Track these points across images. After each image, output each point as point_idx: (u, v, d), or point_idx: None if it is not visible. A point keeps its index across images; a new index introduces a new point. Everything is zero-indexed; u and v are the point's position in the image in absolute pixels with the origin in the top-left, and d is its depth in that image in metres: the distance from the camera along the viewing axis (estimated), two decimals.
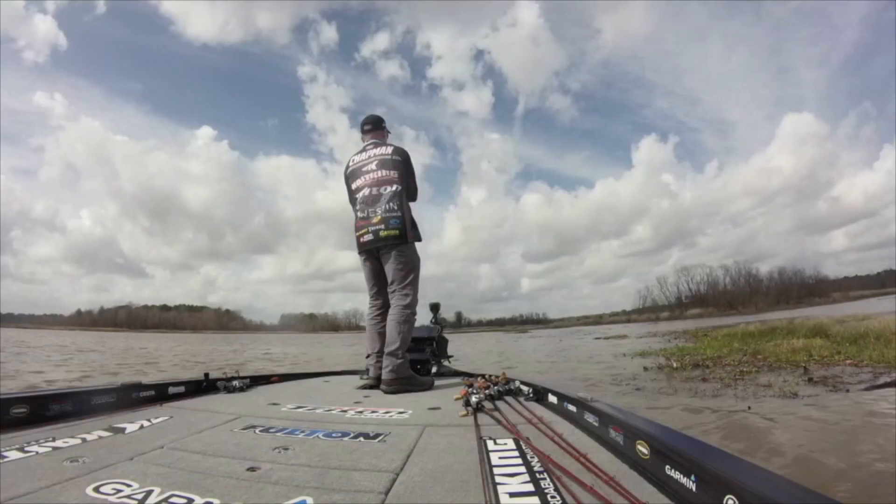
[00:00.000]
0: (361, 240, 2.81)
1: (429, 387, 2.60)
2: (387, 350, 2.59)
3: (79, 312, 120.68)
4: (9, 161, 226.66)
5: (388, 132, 3.16)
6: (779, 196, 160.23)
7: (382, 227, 2.72)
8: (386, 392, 2.47)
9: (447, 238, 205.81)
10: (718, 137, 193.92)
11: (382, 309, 2.86)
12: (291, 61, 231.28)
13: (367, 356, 2.84)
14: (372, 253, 2.82)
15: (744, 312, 67.49)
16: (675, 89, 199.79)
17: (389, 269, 2.75)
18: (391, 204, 2.74)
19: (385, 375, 2.53)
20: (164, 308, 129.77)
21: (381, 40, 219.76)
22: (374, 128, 3.07)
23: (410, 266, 2.76)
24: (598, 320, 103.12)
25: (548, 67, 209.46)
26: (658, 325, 43.16)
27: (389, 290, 2.78)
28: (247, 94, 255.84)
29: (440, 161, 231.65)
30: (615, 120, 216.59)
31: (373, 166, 2.87)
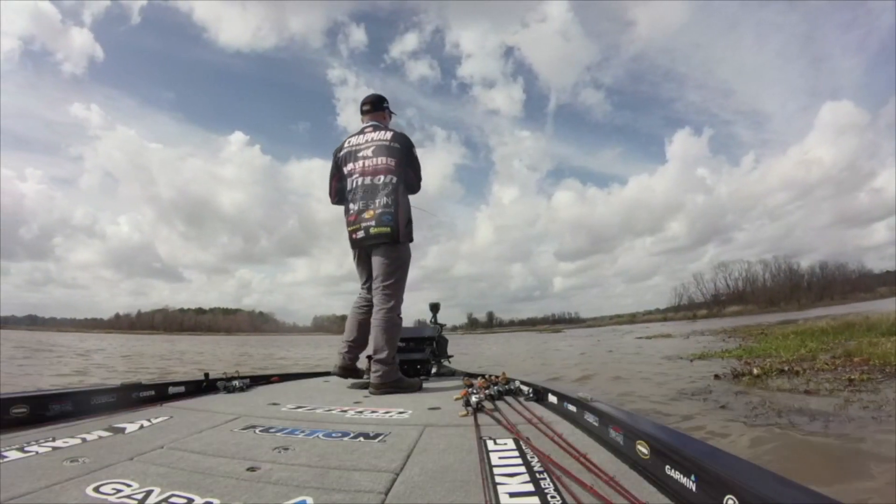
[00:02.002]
0: (353, 237, 2.75)
1: (417, 388, 2.59)
2: (376, 357, 2.57)
3: (117, 316, 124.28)
4: (49, 171, 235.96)
5: (391, 114, 3.00)
6: (818, 188, 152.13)
7: (373, 223, 2.65)
8: (373, 394, 2.48)
9: (479, 238, 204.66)
10: (754, 129, 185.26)
11: (370, 303, 2.79)
12: (321, 65, 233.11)
13: (342, 343, 2.84)
14: (364, 248, 2.77)
15: (786, 309, 64.12)
16: (707, 81, 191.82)
17: (376, 263, 2.70)
18: (385, 198, 2.65)
19: (373, 380, 2.54)
20: (200, 311, 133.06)
21: (409, 41, 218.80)
22: (374, 108, 2.93)
23: (398, 264, 2.70)
24: (631, 319, 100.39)
25: (579, 62, 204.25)
26: (697, 324, 41.00)
27: (374, 285, 2.72)
28: (277, 99, 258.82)
29: (472, 161, 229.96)
30: (647, 115, 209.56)
31: (369, 152, 2.74)
